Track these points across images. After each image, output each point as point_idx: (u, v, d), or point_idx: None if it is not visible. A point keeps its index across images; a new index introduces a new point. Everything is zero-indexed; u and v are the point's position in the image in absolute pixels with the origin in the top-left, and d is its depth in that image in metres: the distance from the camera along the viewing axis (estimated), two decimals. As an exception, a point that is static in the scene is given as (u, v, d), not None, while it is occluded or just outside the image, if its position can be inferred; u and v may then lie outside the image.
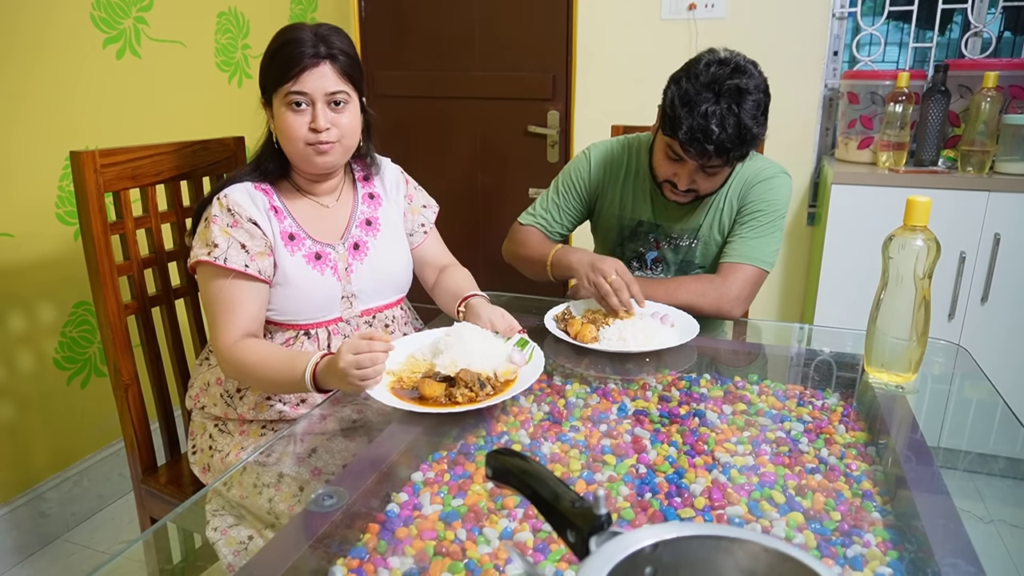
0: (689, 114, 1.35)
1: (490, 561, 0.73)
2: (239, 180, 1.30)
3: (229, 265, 1.21)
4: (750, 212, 1.54)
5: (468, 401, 1.05)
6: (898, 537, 0.78)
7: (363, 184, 1.44)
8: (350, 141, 1.30)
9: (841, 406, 1.09)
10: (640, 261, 1.68)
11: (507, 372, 1.14)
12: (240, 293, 1.23)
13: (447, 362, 1.11)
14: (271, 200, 1.31)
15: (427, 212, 1.52)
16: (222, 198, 1.26)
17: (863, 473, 0.90)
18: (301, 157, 1.28)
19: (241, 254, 1.23)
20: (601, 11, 2.67)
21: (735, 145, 1.35)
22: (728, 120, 1.33)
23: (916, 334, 1.10)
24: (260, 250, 1.25)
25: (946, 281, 2.13)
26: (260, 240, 1.26)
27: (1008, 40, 2.48)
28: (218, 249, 1.22)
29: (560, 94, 2.83)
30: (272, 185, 1.33)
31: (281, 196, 1.33)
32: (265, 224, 1.27)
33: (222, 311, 1.22)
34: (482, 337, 1.18)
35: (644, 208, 1.63)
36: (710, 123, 1.33)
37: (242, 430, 1.33)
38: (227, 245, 1.22)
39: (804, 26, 2.47)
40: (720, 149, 1.35)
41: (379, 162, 1.47)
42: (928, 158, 2.26)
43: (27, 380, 1.91)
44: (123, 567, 0.78)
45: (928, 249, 1.06)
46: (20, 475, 1.93)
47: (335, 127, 1.25)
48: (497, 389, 1.09)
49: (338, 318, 1.34)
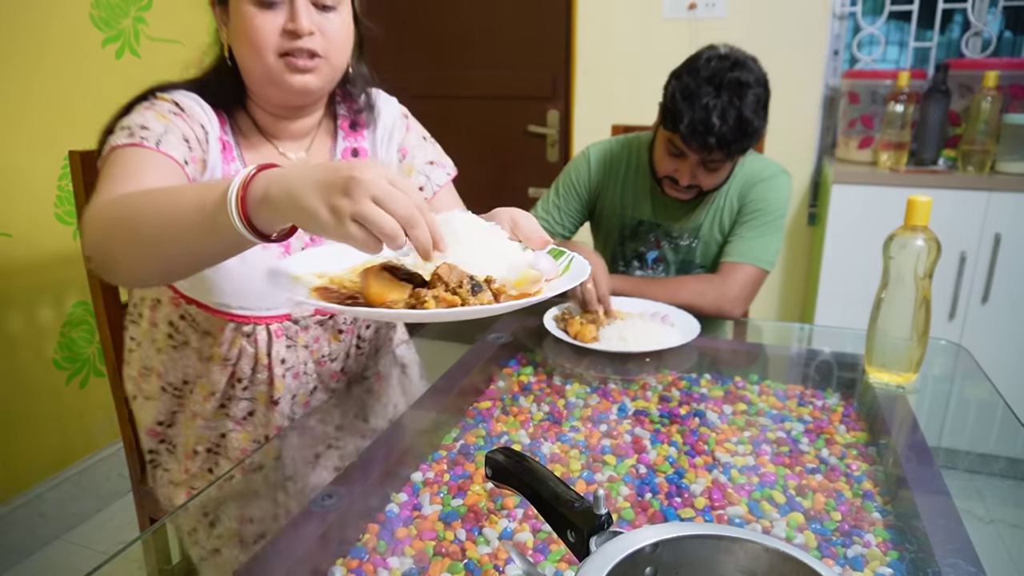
0: (690, 108, 1.36)
1: (490, 561, 0.73)
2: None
3: (163, 149, 0.90)
4: (750, 212, 1.54)
5: (445, 304, 0.66)
6: (899, 537, 0.78)
7: (347, 135, 1.13)
8: (338, 59, 0.99)
9: (842, 406, 1.09)
10: (640, 260, 1.68)
11: (523, 281, 0.73)
12: (162, 171, 0.88)
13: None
14: (222, 130, 1.01)
15: (434, 171, 1.19)
16: (162, 95, 0.98)
17: (864, 473, 0.90)
18: (268, 77, 0.95)
19: (181, 146, 0.92)
20: (601, 11, 2.67)
21: (736, 138, 1.36)
22: (729, 113, 1.34)
23: (917, 334, 1.10)
24: (199, 159, 0.96)
25: (947, 281, 2.13)
26: (200, 158, 0.96)
27: (1008, 40, 2.47)
28: (148, 132, 0.90)
29: (560, 94, 2.83)
30: (225, 114, 1.03)
31: (233, 128, 1.03)
32: (214, 147, 0.98)
33: (120, 176, 0.86)
34: (489, 234, 0.75)
35: (645, 207, 1.63)
36: (711, 116, 1.34)
37: (188, 452, 1.11)
38: (164, 130, 0.92)
39: (804, 25, 2.47)
40: (722, 142, 1.35)
41: (376, 103, 1.14)
42: (928, 158, 2.26)
43: (26, 380, 1.91)
44: (122, 567, 0.78)
45: (929, 249, 1.06)
46: (19, 475, 1.93)
47: (320, 34, 0.95)
48: (501, 298, 0.70)
49: (286, 315, 1.06)
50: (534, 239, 0.81)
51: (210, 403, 1.11)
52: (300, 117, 1.04)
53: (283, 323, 1.06)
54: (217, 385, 1.09)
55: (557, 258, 0.84)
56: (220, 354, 1.07)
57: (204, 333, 1.07)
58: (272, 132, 1.05)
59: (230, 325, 1.04)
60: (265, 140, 1.05)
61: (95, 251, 0.81)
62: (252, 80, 0.99)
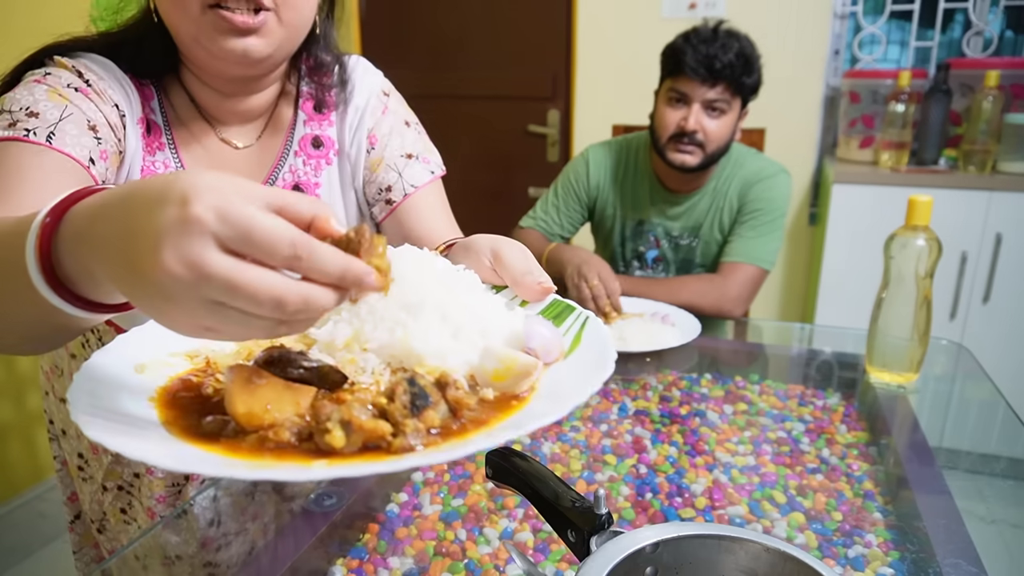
0: (692, 46, 1.43)
1: (490, 561, 0.73)
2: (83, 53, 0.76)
3: (57, 145, 0.67)
4: (750, 211, 1.54)
5: (363, 437, 0.39)
6: (900, 537, 0.77)
7: (310, 119, 0.88)
8: (295, 14, 0.73)
9: (842, 406, 1.09)
10: (640, 260, 1.68)
11: (504, 372, 0.44)
12: (55, 177, 0.66)
13: (339, 330, 0.46)
14: (147, 108, 0.79)
15: (411, 167, 0.90)
16: (62, 59, 0.75)
17: (864, 473, 0.90)
18: (194, 37, 0.71)
19: (85, 137, 0.69)
20: (601, 10, 2.67)
21: (740, 67, 1.43)
22: (731, 44, 1.42)
23: (918, 334, 1.09)
24: (113, 151, 0.74)
25: (948, 281, 2.13)
26: (115, 149, 0.74)
27: (1010, 39, 2.47)
28: (36, 119, 0.67)
29: (560, 94, 2.83)
30: (153, 86, 0.80)
31: (164, 105, 0.81)
32: (133, 132, 0.77)
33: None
34: (453, 284, 0.49)
35: (644, 207, 1.63)
36: (713, 48, 1.41)
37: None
38: (59, 115, 0.69)
39: (805, 25, 2.46)
40: (726, 70, 1.42)
41: (352, 77, 0.89)
42: (930, 157, 2.26)
43: (25, 380, 1.91)
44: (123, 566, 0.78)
45: (929, 249, 1.06)
46: (19, 475, 1.93)
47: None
48: (463, 423, 0.42)
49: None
50: (527, 284, 0.54)
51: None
52: (248, 94, 0.80)
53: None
54: None
55: (559, 319, 0.54)
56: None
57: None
58: (213, 113, 0.81)
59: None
60: (204, 123, 0.81)
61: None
62: (179, 42, 0.74)
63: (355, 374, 0.44)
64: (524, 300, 0.55)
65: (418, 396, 0.41)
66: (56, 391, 0.99)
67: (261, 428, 0.40)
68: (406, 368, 0.44)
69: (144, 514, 0.96)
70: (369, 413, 0.40)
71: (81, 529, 1.07)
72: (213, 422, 0.41)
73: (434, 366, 0.44)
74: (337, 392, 0.43)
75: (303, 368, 0.43)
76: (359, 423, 0.39)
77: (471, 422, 0.42)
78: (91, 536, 1.04)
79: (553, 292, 0.55)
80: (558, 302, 0.56)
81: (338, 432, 0.38)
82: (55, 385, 0.98)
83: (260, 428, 0.40)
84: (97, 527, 1.01)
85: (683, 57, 1.43)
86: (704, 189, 1.58)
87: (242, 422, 0.40)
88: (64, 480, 1.04)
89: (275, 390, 0.41)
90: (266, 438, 0.39)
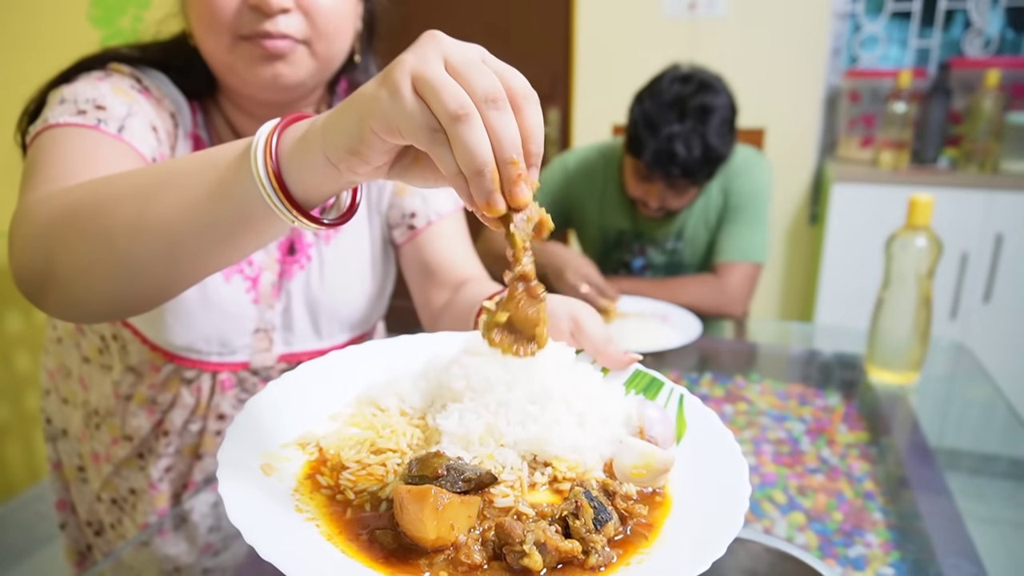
0: (653, 136, 1.34)
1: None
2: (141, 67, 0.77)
3: (126, 137, 0.68)
4: (735, 206, 1.53)
5: (557, 556, 0.40)
6: (900, 537, 0.77)
7: None
8: (328, 45, 0.75)
9: (843, 406, 1.08)
10: (627, 269, 1.66)
11: (645, 467, 0.46)
12: (120, 158, 0.67)
13: (470, 423, 0.47)
14: (195, 124, 0.80)
15: (436, 194, 0.92)
16: (118, 66, 0.76)
17: (865, 473, 0.90)
18: (228, 67, 0.73)
19: (149, 136, 0.71)
20: (601, 9, 2.67)
21: (701, 167, 1.35)
22: (693, 141, 1.32)
23: (918, 333, 1.09)
24: (168, 156, 0.77)
25: (948, 280, 2.12)
26: (168, 147, 0.77)
27: (1010, 39, 2.47)
28: (105, 112, 0.68)
29: (560, 93, 2.83)
30: (197, 103, 0.82)
31: (208, 128, 0.82)
32: (184, 146, 0.79)
33: (65, 163, 0.64)
34: (570, 362, 0.51)
35: (623, 218, 1.62)
36: (675, 145, 1.32)
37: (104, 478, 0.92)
38: (126, 111, 0.70)
39: (805, 24, 2.46)
40: (686, 171, 1.35)
41: None
42: (930, 157, 2.26)
43: (25, 380, 1.90)
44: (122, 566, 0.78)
45: (930, 248, 1.05)
46: (18, 475, 1.93)
47: (301, 9, 0.72)
48: (631, 527, 0.43)
49: (243, 363, 0.85)
50: (611, 354, 0.52)
51: (123, 449, 0.91)
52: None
53: (238, 372, 0.84)
54: (136, 431, 0.89)
55: (650, 392, 0.54)
56: (145, 396, 0.87)
57: (128, 368, 0.86)
58: (243, 130, 0.83)
59: (168, 367, 0.84)
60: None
61: (31, 263, 0.56)
62: (214, 69, 0.76)
63: (495, 470, 0.45)
64: (605, 368, 0.55)
65: (599, 510, 0.41)
66: (60, 391, 0.98)
67: (446, 548, 0.40)
68: (556, 469, 0.46)
69: (136, 530, 0.95)
70: (554, 530, 0.41)
71: (75, 534, 1.05)
72: (384, 535, 0.41)
73: (574, 461, 0.46)
74: (486, 493, 0.44)
75: (471, 479, 0.44)
76: (554, 544, 0.40)
77: (637, 526, 0.43)
78: (85, 540, 1.03)
79: (637, 360, 0.55)
80: (643, 373, 0.55)
81: (536, 556, 0.39)
82: (60, 385, 0.97)
83: (445, 548, 0.40)
84: (95, 530, 1.01)
85: (644, 147, 1.35)
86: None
87: (429, 545, 0.40)
88: (55, 485, 1.03)
89: (455, 508, 0.40)
90: (459, 561, 0.39)
